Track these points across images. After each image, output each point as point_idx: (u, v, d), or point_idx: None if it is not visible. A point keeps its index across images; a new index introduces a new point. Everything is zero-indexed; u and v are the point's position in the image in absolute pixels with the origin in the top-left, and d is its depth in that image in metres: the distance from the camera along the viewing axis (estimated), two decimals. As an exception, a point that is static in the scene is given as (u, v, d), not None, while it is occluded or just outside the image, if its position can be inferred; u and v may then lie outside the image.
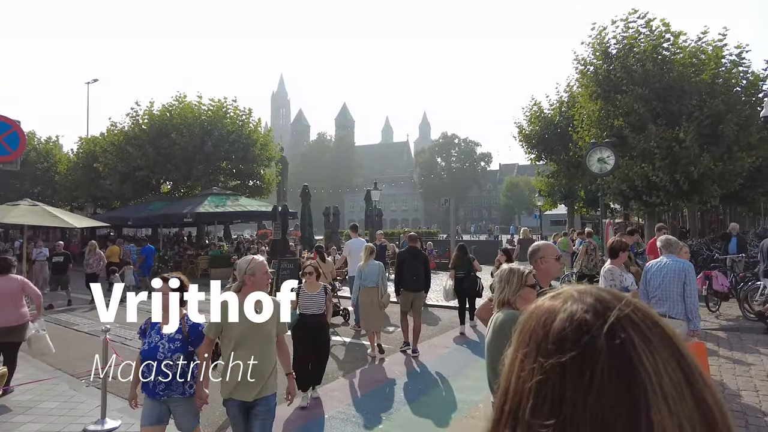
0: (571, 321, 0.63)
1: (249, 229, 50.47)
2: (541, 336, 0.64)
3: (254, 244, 20.00)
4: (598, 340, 0.59)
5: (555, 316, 0.65)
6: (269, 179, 27.22)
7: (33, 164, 31.73)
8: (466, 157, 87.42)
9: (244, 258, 3.62)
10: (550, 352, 0.62)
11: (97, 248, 12.82)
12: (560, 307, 0.66)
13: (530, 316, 0.69)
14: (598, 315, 0.62)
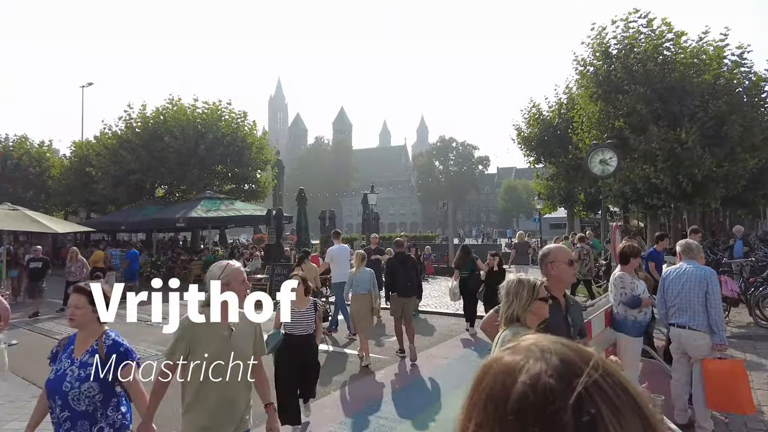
0: (534, 387, 0.55)
1: (245, 234, 50.12)
2: (499, 401, 0.57)
3: (248, 249, 19.62)
4: (564, 414, 0.52)
5: (515, 377, 0.57)
6: (265, 183, 26.90)
7: (25, 168, 31.33)
8: (464, 161, 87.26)
9: (216, 263, 2.91)
10: (509, 424, 0.54)
11: (78, 255, 12.22)
12: (521, 365, 0.58)
13: (486, 372, 0.62)
14: (564, 380, 0.55)
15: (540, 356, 0.58)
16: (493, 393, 0.58)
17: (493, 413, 0.56)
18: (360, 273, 7.57)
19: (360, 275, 7.55)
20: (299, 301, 4.91)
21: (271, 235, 15.90)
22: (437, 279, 17.85)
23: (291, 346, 4.83)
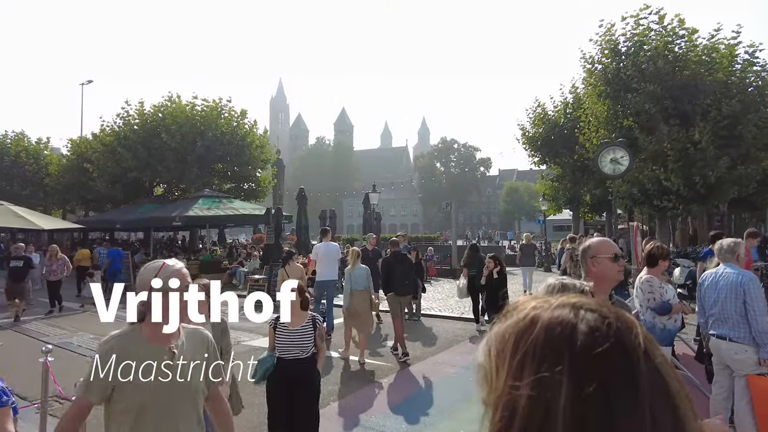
0: (605, 334, 0.56)
1: (245, 234, 49.69)
2: (564, 352, 0.55)
3: (246, 249, 19.22)
4: (639, 361, 0.55)
5: (574, 327, 0.57)
6: (265, 182, 26.51)
7: (22, 166, 30.92)
8: (466, 162, 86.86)
9: (150, 264, 2.15)
10: (581, 372, 0.54)
11: (59, 253, 11.56)
12: (571, 318, 0.58)
13: (530, 327, 0.59)
14: (628, 328, 0.58)
15: (582, 306, 0.60)
16: (553, 344, 0.56)
17: (554, 364, 0.55)
18: (357, 270, 7.60)
19: (357, 272, 7.58)
20: (294, 316, 3.85)
21: (270, 235, 15.48)
22: (440, 281, 17.42)
23: (283, 374, 3.82)
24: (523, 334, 0.59)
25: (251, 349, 8.12)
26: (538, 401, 0.54)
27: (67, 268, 11.37)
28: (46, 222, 8.20)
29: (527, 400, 0.54)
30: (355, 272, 7.58)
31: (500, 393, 0.58)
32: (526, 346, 0.58)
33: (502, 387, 0.58)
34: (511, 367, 0.58)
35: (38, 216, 8.40)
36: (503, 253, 23.01)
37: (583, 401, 0.52)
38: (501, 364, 0.59)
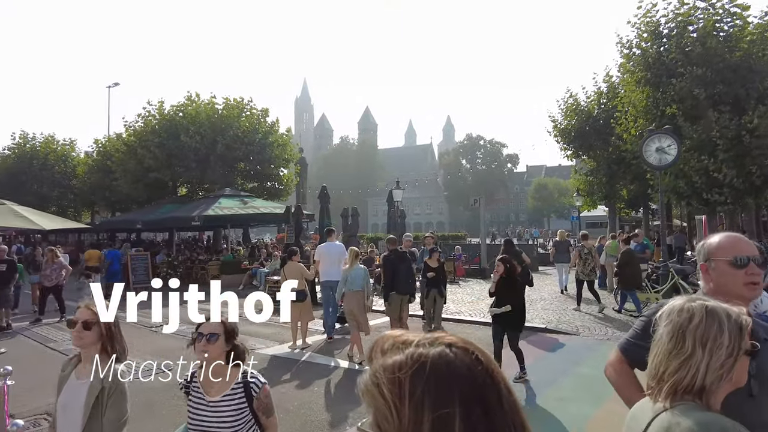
0: (481, 370, 0.69)
1: (270, 233, 49.58)
2: (455, 389, 0.66)
3: (266, 248, 18.72)
4: (502, 385, 0.69)
5: (457, 367, 0.68)
6: (288, 181, 26.09)
7: (51, 167, 31.39)
8: (492, 159, 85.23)
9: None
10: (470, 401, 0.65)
11: (57, 256, 10.57)
12: (452, 358, 0.69)
13: (420, 370, 0.67)
14: (490, 362, 0.72)
15: (459, 348, 0.71)
16: (445, 383, 0.65)
17: (448, 399, 0.64)
18: (354, 270, 7.56)
19: (354, 272, 7.54)
20: (211, 379, 2.41)
21: (290, 234, 14.93)
22: (469, 281, 16.57)
23: None
24: (416, 376, 0.66)
25: (266, 359, 7.52)
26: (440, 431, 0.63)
27: (64, 271, 10.55)
28: (48, 222, 7.79)
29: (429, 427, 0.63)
30: (352, 272, 7.54)
31: (402, 427, 0.65)
32: (422, 388, 0.65)
33: (407, 425, 0.64)
34: (412, 406, 0.65)
35: (40, 215, 8.02)
36: (534, 251, 22.01)
37: (473, 424, 0.64)
38: (399, 403, 0.66)
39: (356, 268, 7.62)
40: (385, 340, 0.74)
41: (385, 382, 0.67)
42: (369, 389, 0.69)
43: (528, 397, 5.76)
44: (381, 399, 0.67)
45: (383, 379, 0.67)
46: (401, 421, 0.65)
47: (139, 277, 16.14)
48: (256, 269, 16.46)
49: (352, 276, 7.52)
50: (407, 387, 0.65)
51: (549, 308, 11.04)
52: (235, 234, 37.60)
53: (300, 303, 8.10)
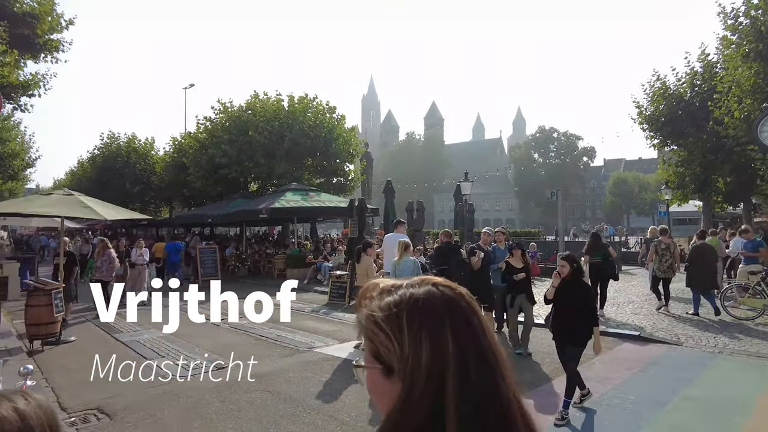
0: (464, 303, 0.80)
1: (336, 228, 50.00)
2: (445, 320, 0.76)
3: (330, 243, 18.49)
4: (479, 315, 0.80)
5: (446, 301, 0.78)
6: (354, 176, 25.87)
7: (133, 165, 33.20)
8: (566, 153, 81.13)
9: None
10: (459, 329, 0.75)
11: (108, 249, 10.03)
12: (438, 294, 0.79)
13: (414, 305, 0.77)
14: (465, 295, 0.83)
15: (443, 286, 0.81)
16: (436, 315, 0.75)
17: (440, 329, 0.74)
18: (403, 262, 7.23)
19: (403, 264, 7.20)
20: None
21: (354, 228, 14.48)
22: (545, 281, 15.35)
23: None
24: (412, 311, 0.74)
25: (324, 359, 7.00)
26: (438, 357, 0.71)
27: (113, 264, 10.04)
28: (111, 212, 7.80)
29: (430, 358, 0.71)
30: (401, 264, 7.21)
31: (407, 359, 0.71)
32: (418, 319, 0.73)
33: (408, 352, 0.72)
34: (411, 335, 0.72)
35: (104, 206, 8.03)
36: (619, 249, 20.23)
37: (463, 346, 0.72)
38: (399, 334, 0.73)
39: (405, 260, 7.28)
40: (373, 287, 0.82)
41: (384, 319, 0.74)
42: (369, 326, 0.76)
43: (627, 420, 4.78)
44: (381, 333, 0.74)
45: (381, 316, 0.75)
46: (402, 350, 0.72)
47: (208, 270, 16.40)
48: (321, 263, 16.23)
49: (400, 268, 7.20)
50: (405, 320, 0.73)
51: (640, 312, 9.79)
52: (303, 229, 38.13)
53: None
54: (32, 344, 7.75)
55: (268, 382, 5.92)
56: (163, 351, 7.45)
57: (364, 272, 7.82)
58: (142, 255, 13.35)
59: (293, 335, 8.44)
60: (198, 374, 6.26)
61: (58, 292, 7.84)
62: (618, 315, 9.61)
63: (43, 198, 7.97)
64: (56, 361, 6.89)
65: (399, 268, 7.27)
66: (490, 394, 0.71)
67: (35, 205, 7.42)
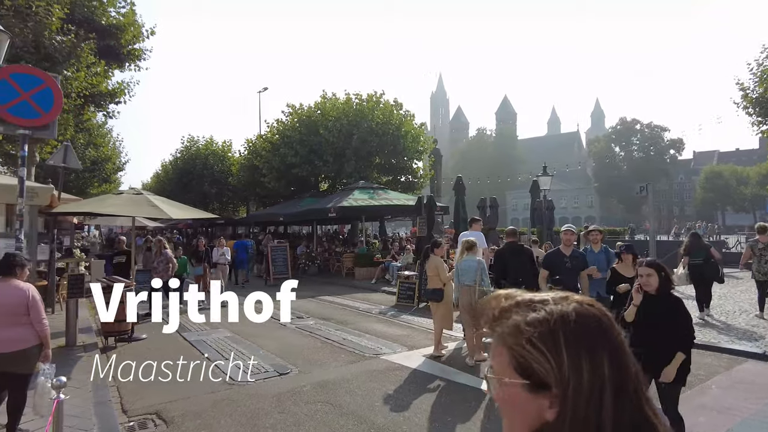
0: (608, 320, 0.81)
1: (406, 227, 49.60)
2: (600, 339, 0.78)
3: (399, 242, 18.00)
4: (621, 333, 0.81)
5: (598, 320, 0.79)
6: (423, 173, 25.27)
7: (211, 167, 34.64)
8: (651, 145, 75.44)
9: None
10: (613, 349, 0.77)
11: (164, 247, 9.71)
12: (589, 312, 0.80)
13: (569, 325, 0.77)
14: (608, 313, 0.83)
15: (587, 304, 0.82)
16: (593, 334, 0.77)
17: (597, 349, 0.75)
18: (465, 261, 6.76)
19: (465, 264, 6.73)
20: None
21: (422, 227, 13.87)
22: (632, 284, 13.95)
23: None
24: (568, 330, 0.75)
25: (391, 369, 6.47)
26: (597, 378, 0.72)
27: (171, 265, 9.74)
28: (178, 211, 7.79)
29: (590, 379, 0.72)
30: (462, 264, 6.77)
31: (567, 379, 0.72)
32: (575, 338, 0.74)
33: (567, 371, 0.72)
34: (570, 354, 0.73)
35: (170, 204, 8.06)
36: (723, 248, 18.16)
37: (617, 365, 0.74)
38: (556, 353, 0.73)
39: (467, 259, 6.77)
40: (505, 298, 0.82)
41: (538, 336, 0.74)
42: (518, 341, 0.75)
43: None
44: (535, 350, 0.74)
45: (534, 333, 0.75)
46: (561, 369, 0.72)
47: (279, 268, 16.50)
48: (389, 263, 15.81)
49: (462, 268, 6.75)
50: (562, 339, 0.73)
51: (758, 324, 8.39)
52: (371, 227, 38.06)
53: (435, 304, 7.13)
54: (107, 340, 7.90)
55: (331, 392, 5.49)
56: (227, 352, 7.27)
57: (434, 272, 7.22)
58: (224, 254, 13.50)
59: (359, 339, 8.01)
60: (260, 379, 5.97)
61: (129, 290, 7.91)
62: (730, 326, 8.29)
63: (114, 197, 8.11)
64: (124, 359, 6.89)
65: (461, 269, 6.78)
66: (641, 416, 0.74)
67: (107, 205, 7.54)
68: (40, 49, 13.30)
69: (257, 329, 8.77)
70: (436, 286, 7.15)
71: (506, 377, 0.77)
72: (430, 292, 7.29)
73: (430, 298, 7.37)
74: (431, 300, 7.31)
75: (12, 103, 4.78)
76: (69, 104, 13.81)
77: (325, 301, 12.27)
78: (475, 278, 6.63)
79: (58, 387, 2.81)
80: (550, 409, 0.73)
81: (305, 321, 9.66)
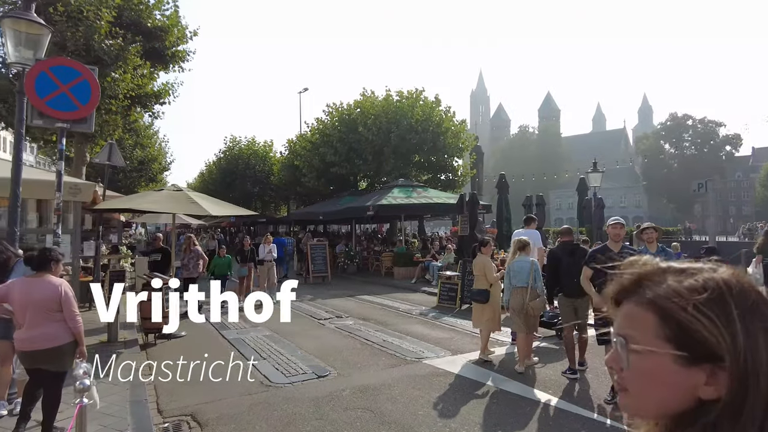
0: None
1: (445, 227, 48.95)
2: (763, 306, 0.70)
3: (440, 241, 17.56)
4: None
5: (753, 288, 0.71)
6: (463, 171, 24.69)
7: (253, 167, 35.18)
8: (704, 141, 71.73)
9: None
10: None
11: (193, 244, 9.48)
12: (743, 280, 0.72)
13: (736, 293, 0.70)
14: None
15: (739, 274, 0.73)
16: (760, 302, 0.69)
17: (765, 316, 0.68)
18: (517, 262, 6.37)
19: (518, 264, 6.35)
20: None
21: (464, 226, 13.40)
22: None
23: None
24: (739, 297, 0.68)
25: (434, 374, 6.11)
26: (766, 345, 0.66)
27: (202, 261, 9.55)
28: (217, 208, 7.70)
29: (765, 344, 0.65)
30: (515, 264, 6.41)
31: (740, 350, 0.64)
32: (743, 306, 0.67)
33: (742, 341, 0.65)
34: (743, 323, 0.66)
35: (210, 201, 7.99)
36: None
37: None
38: (727, 322, 0.66)
39: (519, 259, 6.38)
40: (645, 264, 0.75)
41: (706, 302, 0.67)
42: (680, 307, 0.68)
43: None
44: (704, 318, 0.67)
45: (701, 299, 0.68)
46: (735, 340, 0.65)
47: (318, 266, 16.40)
48: (429, 262, 15.42)
49: (514, 268, 6.37)
50: (732, 307, 0.67)
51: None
52: (410, 226, 37.63)
53: (480, 305, 6.74)
54: (147, 337, 7.91)
55: (371, 398, 5.19)
56: (265, 352, 7.11)
57: (481, 272, 6.83)
58: (270, 251, 13.30)
59: (401, 341, 7.70)
60: (297, 382, 5.75)
61: (168, 287, 7.88)
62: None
63: (155, 194, 8.11)
64: (163, 357, 6.84)
65: (513, 269, 6.36)
66: None
67: (147, 201, 7.52)
68: (90, 52, 13.74)
69: (295, 328, 8.60)
70: (483, 287, 6.76)
71: (651, 347, 0.68)
72: (475, 293, 6.90)
73: (475, 299, 6.97)
74: (476, 301, 6.91)
75: (51, 96, 4.73)
76: (116, 105, 14.21)
77: (364, 301, 12.03)
78: (527, 279, 6.24)
79: (81, 391, 2.64)
80: (706, 386, 0.65)
81: (344, 321, 9.44)
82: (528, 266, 6.30)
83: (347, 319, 9.57)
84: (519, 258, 6.40)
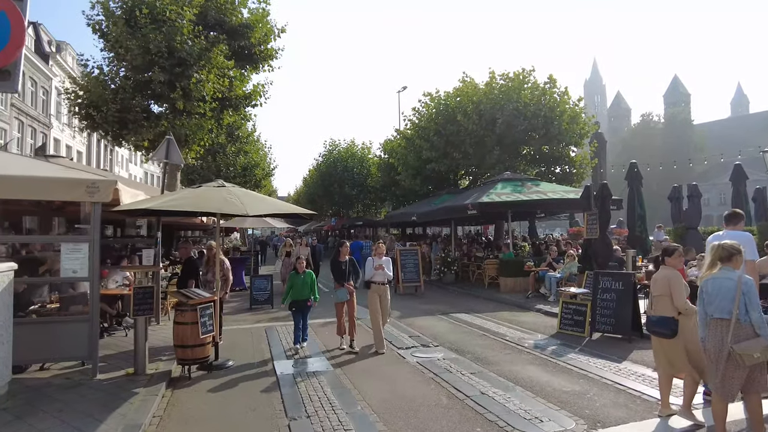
0: None
1: (560, 228, 44.20)
2: None
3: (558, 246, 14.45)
4: None
5: None
6: (583, 161, 20.97)
7: (352, 170, 34.45)
8: None
9: None
10: None
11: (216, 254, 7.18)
12: None
13: None
14: None
15: None
16: None
17: None
18: (716, 279, 3.98)
19: (716, 283, 3.97)
20: None
21: (592, 226, 10.43)
22: None
23: None
24: None
25: None
26: None
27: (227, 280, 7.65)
28: (257, 206, 6.04)
29: None
30: (711, 282, 4.12)
31: None
32: None
33: None
34: None
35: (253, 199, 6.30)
36: None
37: None
38: None
39: (716, 276, 4.00)
40: None
41: None
42: None
43: None
44: None
45: None
46: None
47: (409, 275, 14.32)
48: (544, 272, 12.55)
49: (709, 290, 4.09)
50: None
51: None
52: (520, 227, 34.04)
53: (660, 340, 4.65)
54: (183, 370, 6.32)
55: None
56: (314, 403, 5.14)
57: (664, 291, 4.41)
58: (382, 267, 11.31)
59: (506, 396, 5.28)
60: None
61: (207, 308, 6.27)
62: None
63: (187, 192, 6.58)
64: (188, 401, 5.19)
65: (707, 292, 4.01)
66: None
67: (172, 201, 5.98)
68: (173, 53, 13.08)
69: (367, 362, 6.62)
70: (667, 314, 4.36)
71: None
72: (655, 322, 4.51)
73: (654, 332, 4.58)
74: (656, 334, 4.60)
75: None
76: (204, 108, 13.43)
77: (460, 322, 9.68)
78: (731, 307, 3.81)
79: None
80: None
81: (431, 353, 7.22)
82: (733, 286, 3.86)
83: (435, 351, 7.34)
84: (718, 273, 3.99)
